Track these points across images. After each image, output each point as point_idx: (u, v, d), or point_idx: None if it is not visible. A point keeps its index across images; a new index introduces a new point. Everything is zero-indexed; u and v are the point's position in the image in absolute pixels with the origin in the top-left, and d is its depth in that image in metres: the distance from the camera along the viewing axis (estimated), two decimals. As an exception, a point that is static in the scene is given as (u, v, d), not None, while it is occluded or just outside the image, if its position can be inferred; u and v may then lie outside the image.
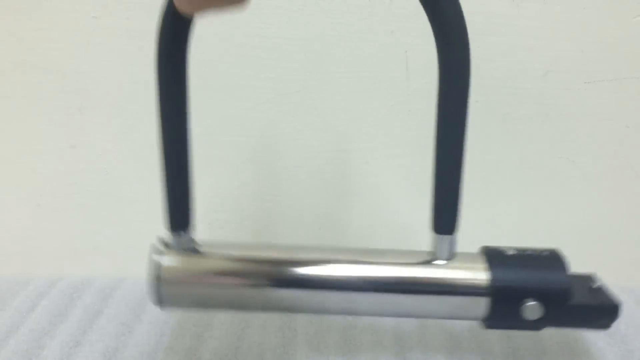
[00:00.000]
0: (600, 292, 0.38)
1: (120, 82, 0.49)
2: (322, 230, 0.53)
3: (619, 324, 0.44)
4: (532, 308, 0.36)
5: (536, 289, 0.36)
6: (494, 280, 0.36)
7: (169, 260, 0.37)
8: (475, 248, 0.53)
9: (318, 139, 0.50)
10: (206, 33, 0.45)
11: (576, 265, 0.53)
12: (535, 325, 0.37)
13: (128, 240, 0.54)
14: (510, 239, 0.52)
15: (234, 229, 0.53)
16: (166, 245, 0.38)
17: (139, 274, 0.53)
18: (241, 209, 0.53)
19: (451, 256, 0.37)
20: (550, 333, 0.43)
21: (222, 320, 0.45)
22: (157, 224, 0.52)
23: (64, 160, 0.51)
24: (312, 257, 0.37)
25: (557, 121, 0.49)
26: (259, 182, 0.52)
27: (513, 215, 0.52)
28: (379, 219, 0.52)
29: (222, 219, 0.53)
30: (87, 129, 0.50)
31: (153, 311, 0.47)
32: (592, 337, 0.42)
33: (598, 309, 0.37)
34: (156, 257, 0.37)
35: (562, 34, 0.47)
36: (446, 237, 0.37)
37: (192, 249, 0.37)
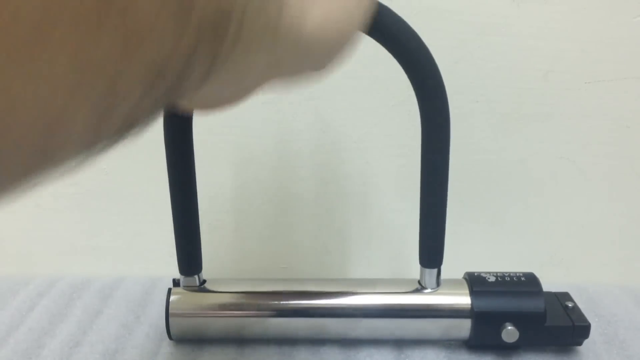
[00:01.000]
0: (573, 312, 0.41)
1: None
2: (322, 231, 0.53)
3: (617, 328, 0.44)
4: (510, 332, 0.39)
5: (513, 314, 0.40)
6: (475, 305, 0.40)
7: (178, 298, 0.42)
8: (476, 246, 0.53)
9: (318, 139, 0.50)
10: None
11: (576, 265, 0.53)
12: (514, 345, 0.40)
13: (128, 240, 0.54)
14: (511, 239, 0.52)
15: (234, 229, 0.53)
16: (177, 285, 0.42)
17: (139, 274, 0.53)
18: (240, 210, 0.53)
19: (437, 284, 0.42)
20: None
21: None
22: (157, 224, 0.52)
23: (64, 160, 0.51)
24: (309, 289, 0.42)
25: (558, 121, 0.49)
26: (258, 183, 0.52)
27: (513, 215, 0.52)
28: (379, 219, 0.52)
29: (221, 219, 0.53)
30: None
31: (153, 311, 0.47)
32: (590, 343, 0.42)
33: (570, 329, 0.40)
34: (167, 296, 0.42)
35: (562, 34, 0.47)
36: (433, 270, 0.41)
37: (199, 288, 0.42)
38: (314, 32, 0.22)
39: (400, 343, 0.43)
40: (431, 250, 0.40)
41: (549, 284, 0.42)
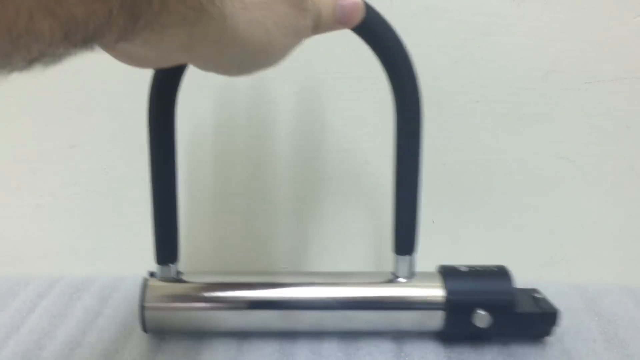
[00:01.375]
0: (542, 301, 0.42)
1: (120, 82, 0.49)
2: (322, 231, 0.53)
3: (617, 328, 0.44)
4: (481, 317, 0.40)
5: (485, 300, 0.41)
6: (448, 294, 0.41)
7: (154, 289, 0.41)
8: (476, 246, 0.53)
9: (318, 139, 0.50)
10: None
11: (576, 265, 0.53)
12: (486, 333, 0.41)
13: (128, 240, 0.54)
14: (511, 239, 0.52)
15: (233, 229, 0.53)
16: (153, 276, 0.42)
17: (139, 274, 0.53)
18: (240, 209, 0.52)
19: (411, 275, 0.42)
20: (548, 339, 0.43)
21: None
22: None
23: (64, 160, 0.51)
24: (285, 281, 0.42)
25: (557, 121, 0.49)
26: (258, 183, 0.52)
27: (513, 214, 0.52)
28: (379, 219, 0.52)
29: (221, 219, 0.53)
30: (87, 129, 0.50)
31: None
32: (590, 341, 0.42)
33: (540, 316, 0.41)
34: (141, 287, 0.41)
35: (562, 34, 0.47)
36: (406, 258, 0.41)
37: (176, 279, 0.42)
38: (236, 32, 0.23)
39: (399, 342, 0.43)
40: (404, 237, 0.41)
41: (549, 284, 0.42)
